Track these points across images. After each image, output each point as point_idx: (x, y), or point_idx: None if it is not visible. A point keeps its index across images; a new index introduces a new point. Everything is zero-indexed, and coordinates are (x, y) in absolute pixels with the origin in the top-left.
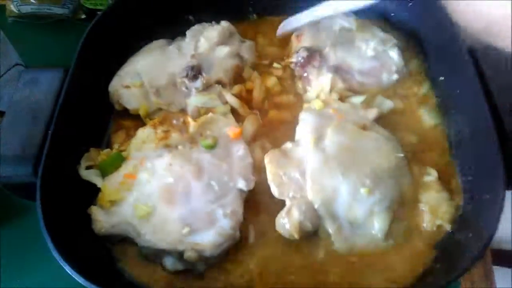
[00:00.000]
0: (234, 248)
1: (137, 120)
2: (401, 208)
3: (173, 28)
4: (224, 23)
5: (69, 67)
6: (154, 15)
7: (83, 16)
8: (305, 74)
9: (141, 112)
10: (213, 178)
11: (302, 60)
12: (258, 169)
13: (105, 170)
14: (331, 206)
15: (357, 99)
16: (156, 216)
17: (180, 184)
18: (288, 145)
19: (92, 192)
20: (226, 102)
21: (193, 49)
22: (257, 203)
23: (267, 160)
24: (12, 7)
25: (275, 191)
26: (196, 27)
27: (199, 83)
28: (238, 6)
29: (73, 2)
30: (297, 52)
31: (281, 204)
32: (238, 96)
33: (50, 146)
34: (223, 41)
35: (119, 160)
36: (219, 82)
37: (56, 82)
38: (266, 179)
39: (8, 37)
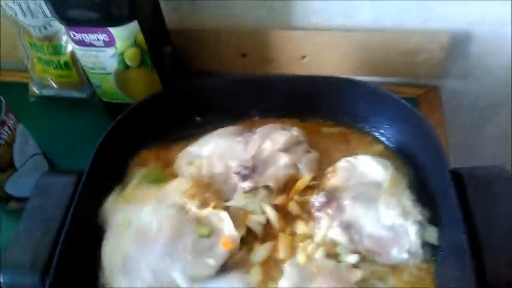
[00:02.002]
0: None
1: None
2: None
3: (182, 129)
4: (295, 131)
5: (81, 171)
6: (166, 119)
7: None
8: (318, 218)
9: None
10: (174, 255)
11: (318, 205)
12: None
13: None
14: None
15: (350, 258)
16: None
17: (153, 233)
18: None
19: None
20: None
21: (257, 148)
22: None
23: None
24: (34, 89)
25: None
26: (268, 127)
27: (246, 184)
28: (241, 108)
29: (91, 87)
30: (317, 194)
31: None
32: (279, 207)
33: (57, 261)
34: (287, 148)
35: None
36: (267, 187)
37: (67, 191)
38: None
39: (29, 117)
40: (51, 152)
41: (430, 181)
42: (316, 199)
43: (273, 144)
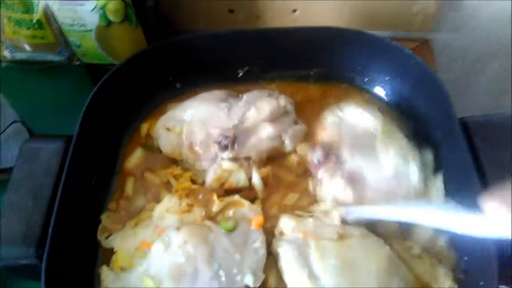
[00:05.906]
0: None
1: None
2: None
3: (164, 92)
4: (282, 100)
5: (69, 134)
6: (149, 82)
7: (79, 62)
8: (319, 177)
9: (176, 157)
10: (223, 267)
11: (317, 162)
12: None
13: None
14: None
15: (321, 207)
16: None
17: (190, 265)
18: None
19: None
20: (250, 179)
21: (241, 116)
22: None
23: None
24: (6, 53)
25: None
26: (255, 93)
27: (226, 155)
28: (234, 65)
29: (68, 49)
30: (314, 150)
31: None
32: (262, 178)
33: (53, 228)
34: (273, 118)
35: None
36: (247, 158)
37: (56, 157)
38: None
39: (2, 82)
40: (30, 120)
41: (432, 130)
42: (314, 156)
43: (258, 112)
